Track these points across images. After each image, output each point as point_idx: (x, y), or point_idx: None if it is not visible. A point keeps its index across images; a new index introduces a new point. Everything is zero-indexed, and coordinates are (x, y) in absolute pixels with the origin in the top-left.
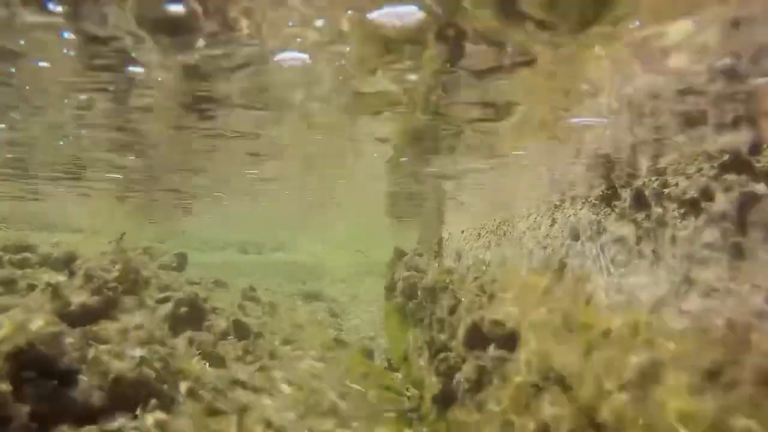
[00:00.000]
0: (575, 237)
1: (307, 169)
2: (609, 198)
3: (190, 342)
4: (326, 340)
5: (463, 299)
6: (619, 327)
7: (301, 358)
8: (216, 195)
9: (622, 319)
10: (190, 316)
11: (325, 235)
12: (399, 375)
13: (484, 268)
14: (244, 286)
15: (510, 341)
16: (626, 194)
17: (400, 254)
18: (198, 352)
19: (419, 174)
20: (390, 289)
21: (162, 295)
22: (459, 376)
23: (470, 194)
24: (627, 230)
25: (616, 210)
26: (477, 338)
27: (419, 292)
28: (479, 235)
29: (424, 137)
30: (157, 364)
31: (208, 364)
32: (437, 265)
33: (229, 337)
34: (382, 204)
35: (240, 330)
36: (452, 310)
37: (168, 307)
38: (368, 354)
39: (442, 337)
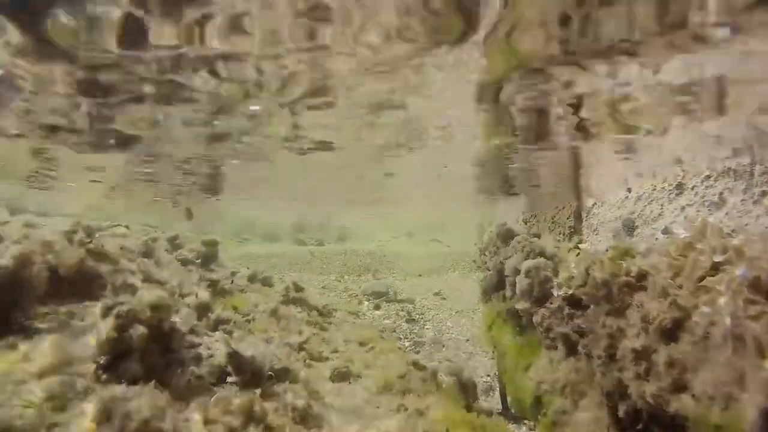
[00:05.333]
0: None
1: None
2: None
3: (103, 417)
4: (402, 369)
5: (705, 309)
6: None
7: (359, 415)
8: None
9: None
10: (148, 342)
11: (396, 223)
12: None
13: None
14: (287, 284)
15: None
16: None
17: (506, 235)
18: None
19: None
20: (494, 287)
21: (110, 302)
22: None
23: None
24: None
25: None
26: None
27: (558, 294)
28: (680, 186)
29: None
30: None
31: None
32: (579, 245)
33: (227, 381)
34: (470, 174)
35: (245, 368)
36: (670, 332)
37: (108, 324)
38: (468, 390)
39: (649, 388)
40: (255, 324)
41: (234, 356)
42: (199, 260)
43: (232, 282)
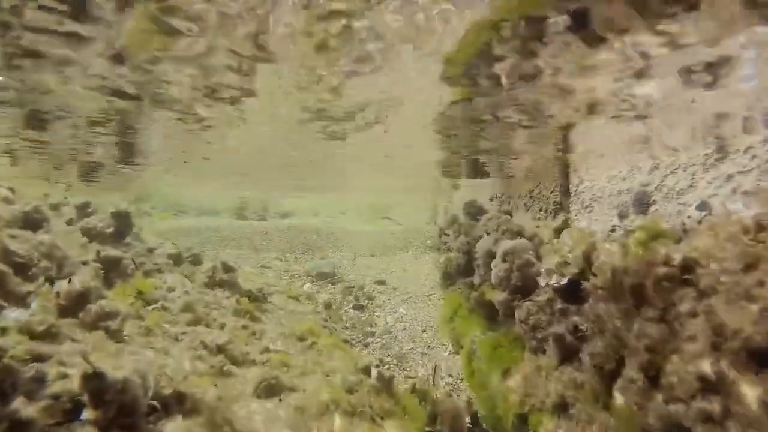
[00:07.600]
0: None
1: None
2: None
3: None
4: (349, 378)
5: None
6: None
7: None
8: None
9: None
10: None
11: (347, 198)
12: None
13: None
14: (215, 264)
15: None
16: None
17: (474, 212)
18: None
19: None
20: (460, 271)
21: None
22: None
23: None
24: None
25: None
26: None
27: (549, 284)
28: (722, 148)
29: None
30: None
31: None
32: (561, 226)
33: (81, 418)
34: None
35: (108, 398)
36: (761, 355)
37: None
38: (430, 401)
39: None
40: (159, 317)
41: (91, 380)
42: (109, 233)
43: (134, 262)
